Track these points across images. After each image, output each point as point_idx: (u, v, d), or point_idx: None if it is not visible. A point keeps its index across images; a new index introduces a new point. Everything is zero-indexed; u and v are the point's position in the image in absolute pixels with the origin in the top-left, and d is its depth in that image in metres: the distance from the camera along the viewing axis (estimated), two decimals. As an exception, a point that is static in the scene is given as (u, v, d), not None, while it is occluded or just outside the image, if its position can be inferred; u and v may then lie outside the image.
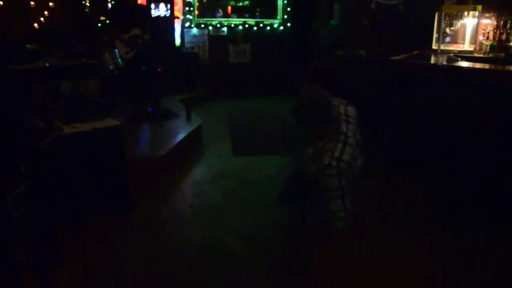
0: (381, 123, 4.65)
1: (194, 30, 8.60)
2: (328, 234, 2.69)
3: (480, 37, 5.22)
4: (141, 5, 7.16)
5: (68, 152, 3.10)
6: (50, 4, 6.99)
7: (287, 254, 2.80)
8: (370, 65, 5.21)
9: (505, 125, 3.29)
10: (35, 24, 6.80)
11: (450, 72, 3.81)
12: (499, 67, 3.76)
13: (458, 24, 5.44)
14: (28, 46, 5.50)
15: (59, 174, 3.06)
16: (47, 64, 4.75)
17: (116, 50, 5.90)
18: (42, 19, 6.85)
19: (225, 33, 8.78)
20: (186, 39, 8.55)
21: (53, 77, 4.77)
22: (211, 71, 8.74)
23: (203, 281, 2.51)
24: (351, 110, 2.73)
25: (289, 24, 9.01)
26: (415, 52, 5.21)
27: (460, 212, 3.33)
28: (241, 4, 8.92)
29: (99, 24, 7.26)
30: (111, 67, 6.35)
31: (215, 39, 8.77)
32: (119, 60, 6.19)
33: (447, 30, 5.50)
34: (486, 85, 3.45)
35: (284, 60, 8.99)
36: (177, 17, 8.22)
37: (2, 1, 6.50)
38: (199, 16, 8.60)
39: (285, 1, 8.93)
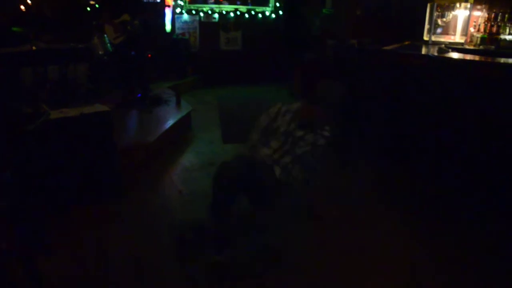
0: (373, 112, 4.67)
1: (185, 16, 8.49)
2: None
3: (471, 29, 5.25)
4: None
5: (55, 137, 3.06)
6: (38, -14, 6.83)
7: (278, 241, 2.81)
8: (362, 55, 5.21)
9: (493, 116, 3.32)
10: (22, 7, 6.65)
11: (441, 62, 3.82)
12: (489, 59, 3.78)
13: (450, 15, 5.46)
14: (14, 29, 5.39)
15: (46, 160, 3.02)
16: (34, 48, 4.66)
17: (105, 35, 5.80)
18: (29, 1, 6.70)
19: (217, 19, 8.70)
20: (177, 25, 8.45)
21: (41, 61, 4.69)
22: (202, 58, 8.67)
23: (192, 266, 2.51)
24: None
25: (281, 12, 8.94)
26: (406, 43, 5.23)
27: (449, 201, 3.37)
28: (233, -10, 8.83)
29: (88, 8, 7.13)
30: (100, 52, 6.25)
31: (206, 26, 8.68)
32: (108, 45, 6.10)
33: (439, 21, 5.52)
34: (475, 77, 3.46)
35: (276, 48, 8.95)
36: (168, 6, 8.11)
37: (-12, -18, 6.34)
38: (190, 2, 8.48)
39: (278, -11, 8.87)
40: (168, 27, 8.28)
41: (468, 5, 5.12)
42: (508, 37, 5.00)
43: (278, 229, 2.78)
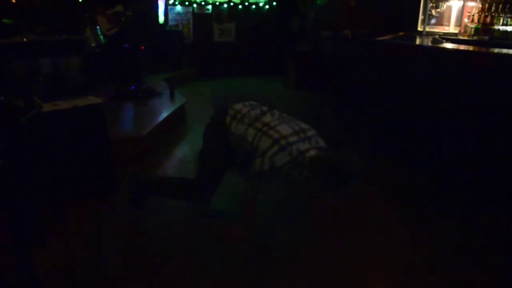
0: (367, 104, 4.67)
1: (178, 8, 8.43)
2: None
3: (465, 20, 5.24)
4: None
5: (48, 130, 3.03)
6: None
7: (270, 233, 2.81)
8: (356, 46, 5.20)
9: (487, 106, 3.33)
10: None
11: (435, 53, 3.82)
12: (483, 49, 3.78)
13: (444, 6, 5.45)
14: (4, 20, 5.32)
15: (39, 153, 3.00)
16: (25, 40, 4.60)
17: (98, 27, 5.75)
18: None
19: (210, 11, 8.64)
20: (170, 16, 8.40)
21: (32, 53, 4.64)
22: (195, 50, 8.63)
23: (186, 260, 2.51)
24: None
25: (274, 3, 8.90)
26: (401, 34, 5.22)
27: (443, 194, 3.38)
28: (226, -19, 8.77)
29: (80, -1, 7.06)
30: (92, 45, 6.20)
31: (200, 17, 8.64)
32: (101, 37, 6.05)
33: (433, 12, 5.51)
34: (469, 67, 3.47)
35: (270, 40, 8.92)
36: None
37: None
38: (184, -7, 8.44)
39: (271, -21, 8.80)
40: (161, 19, 8.23)
41: (462, -4, 5.12)
42: (502, 28, 5.00)
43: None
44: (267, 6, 8.88)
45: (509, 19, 4.98)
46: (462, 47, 3.92)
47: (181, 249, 2.63)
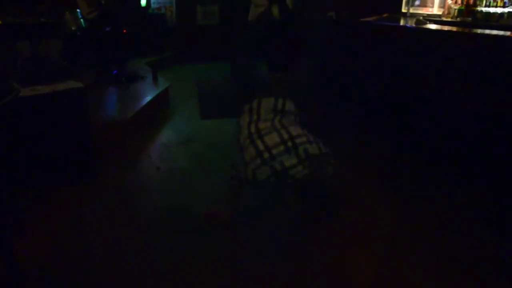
0: (351, 85, 4.66)
1: (161, -10, 8.27)
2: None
3: (449, 1, 5.25)
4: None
5: (26, 115, 2.96)
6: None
7: (256, 215, 2.82)
8: (340, 27, 5.17)
9: (469, 85, 3.35)
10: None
11: (418, 34, 3.82)
12: (466, 30, 3.79)
13: (428, -13, 5.44)
14: (-21, 3, 5.15)
15: (17, 139, 2.93)
16: (0, 22, 4.46)
17: (78, 10, 5.61)
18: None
19: (193, -7, 8.50)
20: (152, -1, 8.24)
21: (9, 36, 4.50)
22: (179, 33, 8.50)
23: (171, 245, 2.50)
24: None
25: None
26: (385, 15, 5.20)
27: (427, 174, 3.42)
28: (209, -38, 8.60)
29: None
30: (72, 28, 6.05)
31: (183, 0, 8.49)
32: (82, 20, 5.90)
33: (417, -7, 5.51)
34: (451, 47, 3.47)
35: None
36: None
37: None
38: (166, -25, 8.27)
39: (255, -40, 8.65)
40: (143, 1, 8.06)
41: (446, -23, 5.11)
42: (485, 9, 5.02)
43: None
44: (251, -12, 8.75)
45: (491, 1, 5.00)
46: (445, 28, 3.92)
47: (167, 233, 2.62)
